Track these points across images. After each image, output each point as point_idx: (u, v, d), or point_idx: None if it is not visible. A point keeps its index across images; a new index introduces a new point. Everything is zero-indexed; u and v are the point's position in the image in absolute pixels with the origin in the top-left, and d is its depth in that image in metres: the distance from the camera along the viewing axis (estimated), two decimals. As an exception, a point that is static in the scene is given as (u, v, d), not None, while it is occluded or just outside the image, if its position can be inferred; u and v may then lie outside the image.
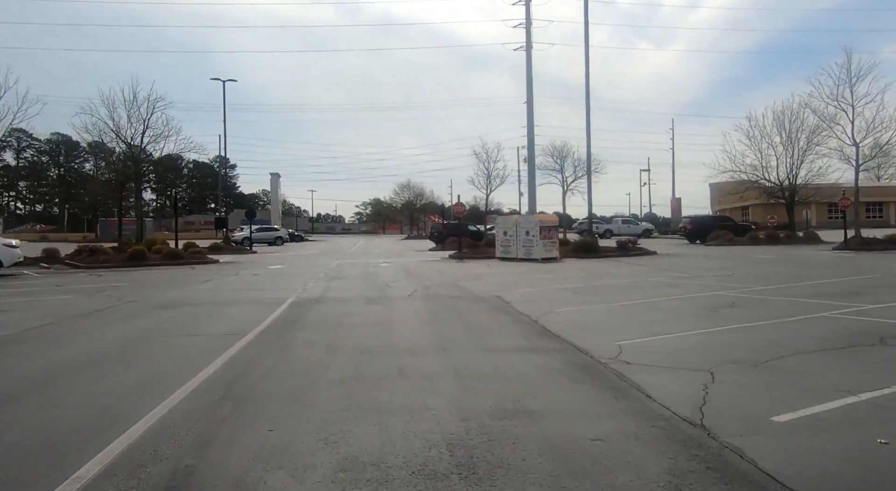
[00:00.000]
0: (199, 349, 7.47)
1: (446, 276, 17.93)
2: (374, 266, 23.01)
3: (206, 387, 5.56)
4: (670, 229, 61.89)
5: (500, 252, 26.52)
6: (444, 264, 23.70)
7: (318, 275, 18.87)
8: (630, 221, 57.02)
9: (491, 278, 17.01)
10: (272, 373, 6.14)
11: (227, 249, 34.05)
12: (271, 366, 6.45)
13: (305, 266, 23.56)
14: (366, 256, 30.47)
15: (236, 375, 6.04)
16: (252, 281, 17.27)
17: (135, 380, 5.97)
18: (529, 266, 21.65)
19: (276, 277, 18.34)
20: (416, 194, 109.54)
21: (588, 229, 30.07)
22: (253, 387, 5.58)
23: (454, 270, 20.57)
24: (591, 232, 29.50)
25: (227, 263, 25.17)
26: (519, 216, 25.87)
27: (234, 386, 5.59)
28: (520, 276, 17.66)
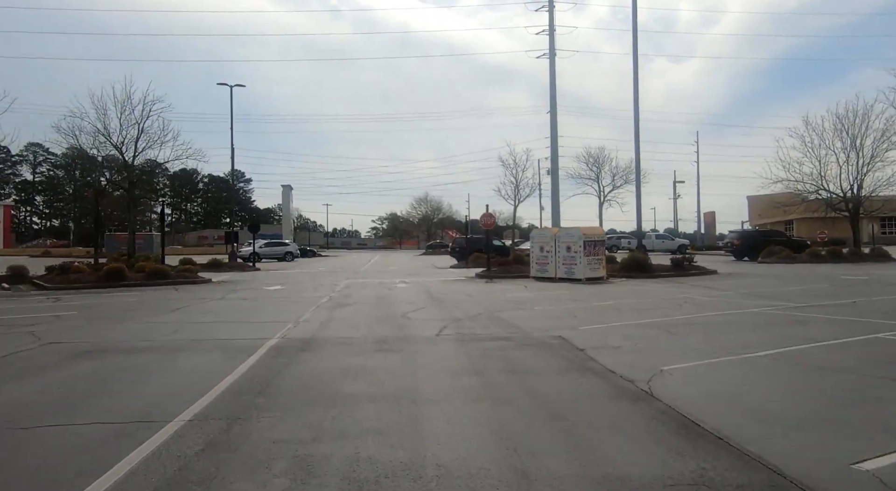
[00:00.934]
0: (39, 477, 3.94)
1: (480, 302, 14.34)
2: (390, 287, 19.49)
3: None
4: (706, 245, 57.66)
5: (535, 271, 22.88)
6: (472, 286, 20.11)
7: (320, 300, 15.38)
8: (664, 237, 53.04)
9: (536, 306, 13.38)
10: None
11: (227, 266, 30.80)
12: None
13: (309, 287, 20.12)
14: (380, 275, 26.99)
15: None
16: (235, 309, 13.80)
17: None
18: (575, 289, 17.97)
19: (267, 303, 14.86)
20: (433, 208, 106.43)
21: (639, 244, 26.27)
22: None
23: (486, 293, 16.98)
24: (642, 247, 25.68)
25: (221, 283, 21.81)
26: (559, 229, 22.28)
27: None
28: (571, 303, 14.01)
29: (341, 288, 19.56)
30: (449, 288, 19.12)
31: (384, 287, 19.70)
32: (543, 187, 34.60)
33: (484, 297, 15.85)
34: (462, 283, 21.48)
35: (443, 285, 20.29)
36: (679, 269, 23.15)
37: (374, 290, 18.65)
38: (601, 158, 35.11)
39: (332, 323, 10.96)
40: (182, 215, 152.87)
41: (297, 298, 16.02)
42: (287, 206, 67.92)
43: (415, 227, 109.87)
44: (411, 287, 19.61)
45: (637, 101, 24.72)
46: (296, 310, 13.15)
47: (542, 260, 22.67)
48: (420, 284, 20.71)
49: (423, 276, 25.93)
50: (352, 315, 12.19)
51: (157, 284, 20.19)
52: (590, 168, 34.76)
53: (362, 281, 23.02)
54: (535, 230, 23.22)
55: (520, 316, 11.66)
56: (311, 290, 18.96)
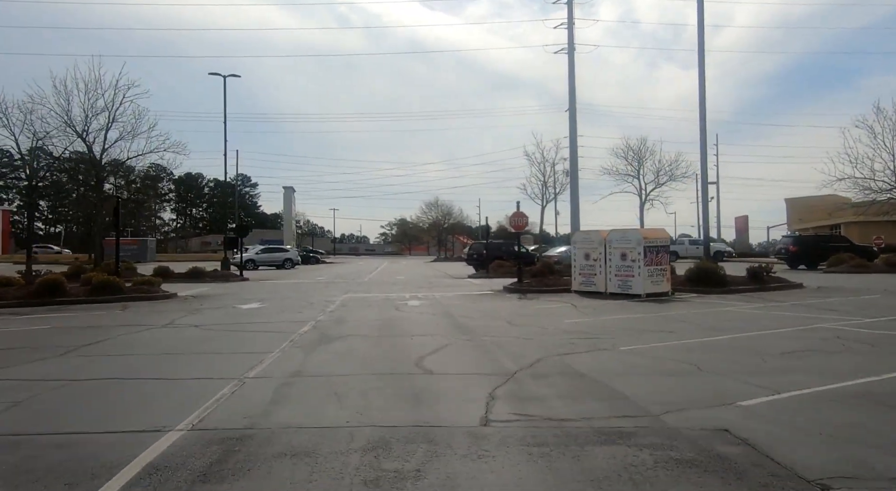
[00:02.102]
0: None
1: (527, 333, 9.91)
2: (398, 306, 15.09)
3: None
4: (740, 252, 52.71)
5: (578, 283, 18.43)
6: (504, 303, 15.68)
7: (300, 328, 11.02)
8: (699, 242, 48.25)
9: (617, 343, 8.91)
10: None
11: (210, 275, 26.52)
12: None
13: (296, 305, 15.77)
14: (387, 287, 22.61)
15: None
16: (167, 347, 9.38)
17: None
18: (641, 310, 13.51)
19: (221, 337, 10.48)
20: (443, 213, 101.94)
21: (707, 251, 21.64)
22: None
23: (528, 316, 12.55)
24: (709, 255, 21.04)
25: (187, 299, 17.51)
26: (609, 231, 17.88)
27: None
28: (660, 335, 9.55)
29: (336, 306, 15.19)
30: (475, 307, 14.70)
31: (390, 305, 15.30)
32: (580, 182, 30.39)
33: (528, 323, 11.42)
34: (489, 299, 17.05)
35: (466, 303, 15.87)
36: (758, 281, 18.60)
37: (378, 310, 14.25)
38: (643, 152, 30.14)
39: (297, 384, 6.54)
40: (187, 220, 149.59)
41: (270, 325, 11.64)
42: (289, 208, 63.70)
43: (424, 232, 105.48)
44: (425, 306, 15.20)
45: (703, 86, 20.23)
46: (258, 348, 8.78)
47: (587, 270, 18.22)
48: (436, 302, 16.29)
49: (439, 288, 21.53)
50: (337, 363, 7.77)
51: (104, 300, 15.92)
52: (629, 163, 30.04)
53: (364, 295, 18.64)
54: (579, 233, 18.84)
55: (607, 367, 7.22)
56: (297, 309, 14.60)
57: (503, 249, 34.23)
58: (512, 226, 19.91)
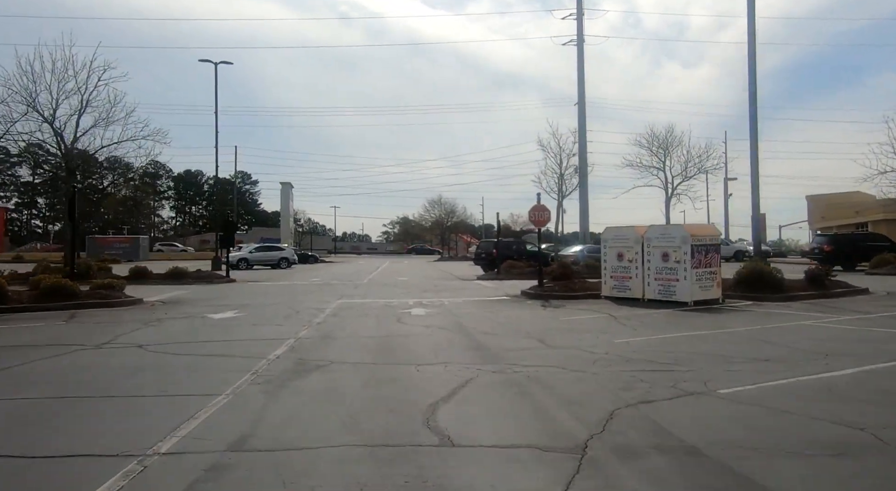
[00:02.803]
0: None
1: (576, 364, 7.32)
2: (400, 317, 12.51)
3: None
4: (774, 251, 49.66)
5: (609, 288, 15.86)
6: (527, 313, 13.10)
7: (275, 348, 8.47)
8: (727, 242, 45.53)
9: (714, 380, 6.31)
10: None
11: (192, 277, 23.98)
12: None
13: (280, 313, 13.21)
14: (387, 290, 20.04)
15: None
16: (82, 381, 6.79)
17: None
18: (703, 322, 10.94)
19: (168, 363, 7.92)
20: (447, 212, 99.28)
21: (758, 251, 18.91)
22: None
23: (564, 332, 9.96)
24: (762, 256, 18.28)
25: (154, 306, 14.96)
26: (648, 227, 15.32)
27: None
28: (766, 364, 6.97)
29: (326, 316, 12.63)
30: (493, 318, 12.11)
31: (391, 315, 12.73)
32: (592, 177, 27.65)
33: (567, 342, 8.85)
34: (507, 307, 14.48)
35: (481, 311, 13.29)
36: (818, 286, 16.00)
37: (375, 322, 11.68)
38: (669, 141, 27.23)
39: (230, 475, 3.96)
40: (186, 219, 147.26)
41: (235, 346, 9.07)
42: (286, 205, 61.13)
43: (427, 231, 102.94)
44: (433, 315, 12.62)
45: (753, 72, 17.65)
46: (201, 387, 6.24)
47: (620, 273, 15.64)
48: (445, 310, 13.72)
49: (446, 292, 18.95)
50: (307, 420, 5.15)
51: (53, 307, 13.39)
52: (653, 154, 27.18)
53: (361, 301, 16.08)
54: (610, 230, 16.27)
55: (724, 432, 4.63)
56: (278, 320, 12.05)
57: (514, 247, 31.67)
58: (533, 221, 17.32)
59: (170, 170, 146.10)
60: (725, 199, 60.03)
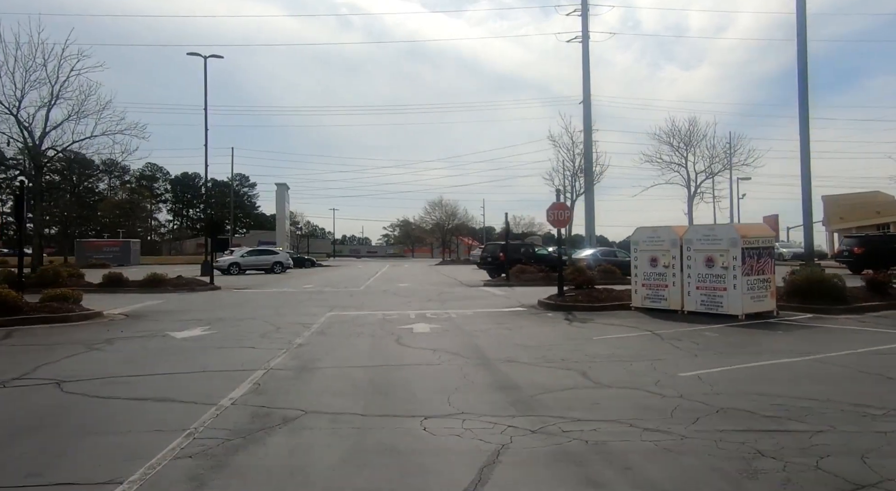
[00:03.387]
0: None
1: (643, 415, 5.17)
2: (400, 337, 10.37)
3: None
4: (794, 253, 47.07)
5: (641, 298, 13.76)
6: (556, 332, 10.96)
7: (234, 387, 6.36)
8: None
9: (872, 452, 4.21)
10: None
11: (171, 284, 21.83)
12: None
13: (256, 330, 11.08)
14: (386, 299, 17.92)
15: None
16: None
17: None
18: (771, 343, 8.84)
19: (76, 414, 5.80)
20: (448, 214, 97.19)
21: (809, 255, 16.58)
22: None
23: (616, 365, 7.79)
24: (810, 258, 15.99)
25: (112, 320, 12.85)
26: (688, 228, 13.23)
27: None
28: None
29: (310, 335, 10.50)
30: (515, 338, 9.98)
31: (389, 333, 10.60)
32: (604, 178, 25.45)
33: (618, 378, 6.74)
34: (527, 321, 12.33)
35: (497, 329, 11.15)
36: (881, 294, 13.89)
37: (369, 346, 9.56)
38: (693, 135, 24.79)
39: None
40: (184, 222, 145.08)
41: (183, 382, 6.96)
42: (282, 207, 58.89)
43: (428, 233, 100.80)
44: (441, 335, 10.49)
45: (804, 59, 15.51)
46: (94, 471, 4.13)
47: (654, 281, 13.53)
48: (454, 326, 11.59)
49: (452, 301, 16.83)
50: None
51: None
52: (675, 149, 24.91)
53: (355, 314, 13.95)
54: (642, 230, 14.16)
55: None
56: (251, 340, 9.92)
57: (523, 250, 29.54)
58: (551, 221, 15.18)
59: (167, 172, 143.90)
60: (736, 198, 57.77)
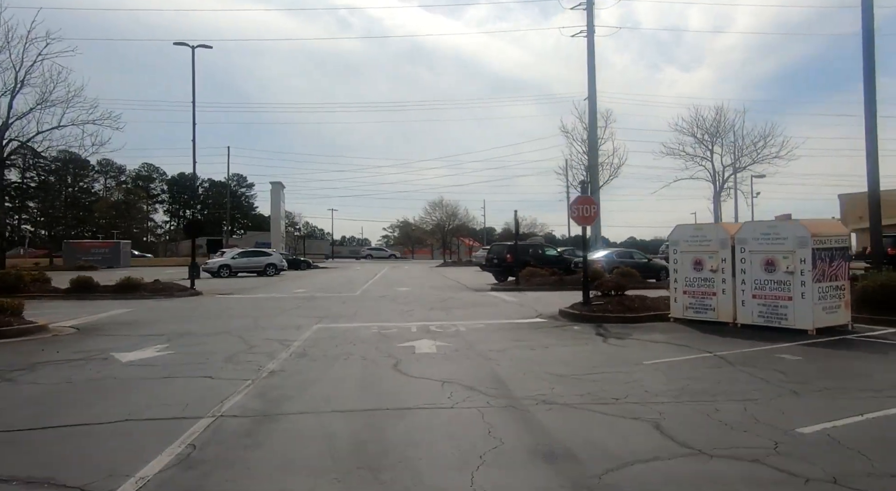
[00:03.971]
0: None
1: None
2: (399, 361, 8.27)
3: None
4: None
5: (682, 308, 11.68)
6: (594, 353, 8.86)
7: (155, 454, 4.28)
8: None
9: None
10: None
11: (147, 289, 19.75)
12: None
13: (224, 350, 9.00)
14: (385, 306, 15.84)
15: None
16: None
17: None
18: (885, 371, 6.75)
19: None
20: (448, 214, 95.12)
21: (878, 254, 14.30)
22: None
23: (705, 408, 5.66)
24: (881, 263, 13.71)
25: (55, 337, 10.77)
26: (742, 224, 11.16)
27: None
28: None
29: (288, 357, 8.42)
30: (548, 365, 7.87)
31: (386, 354, 8.51)
32: (623, 171, 23.22)
33: (721, 438, 4.66)
34: (554, 338, 10.23)
35: (522, 351, 9.04)
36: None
37: (360, 375, 7.46)
38: (720, 126, 22.39)
39: None
40: (180, 223, 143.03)
41: (88, 441, 4.88)
42: (277, 206, 56.73)
43: (428, 234, 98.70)
44: (450, 359, 8.39)
45: (870, 25, 13.43)
46: None
47: (698, 287, 11.44)
48: (466, 345, 9.49)
49: (459, 310, 14.75)
50: None
51: None
52: (699, 142, 22.67)
53: (347, 327, 11.85)
54: (682, 228, 12.09)
55: None
56: (211, 367, 7.84)
57: (532, 251, 27.44)
58: (575, 217, 13.03)
59: (163, 173, 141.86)
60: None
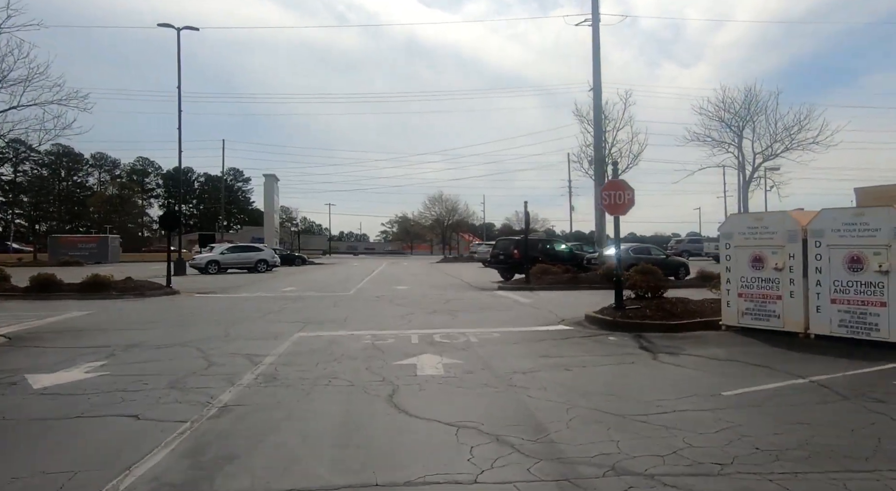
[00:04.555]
0: None
1: None
2: (398, 388, 6.27)
3: None
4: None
5: (738, 313, 9.70)
6: (645, 375, 6.86)
7: None
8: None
9: None
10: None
11: (117, 288, 17.74)
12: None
13: (181, 365, 7.01)
14: (381, 308, 13.85)
15: None
16: None
17: None
18: None
19: None
20: (448, 210, 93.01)
21: None
22: None
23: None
24: None
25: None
26: (819, 212, 9.19)
27: None
28: None
29: (251, 383, 6.42)
30: (595, 396, 5.85)
31: (378, 380, 6.52)
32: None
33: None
34: (588, 354, 8.23)
35: (555, 375, 7.03)
36: None
37: (341, 411, 5.44)
38: (751, 108, 19.62)
39: None
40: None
41: None
42: (271, 200, 54.61)
43: (427, 230, 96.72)
44: (464, 387, 6.36)
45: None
46: None
47: (758, 289, 9.47)
48: (482, 363, 7.47)
49: (467, 314, 12.76)
50: None
51: None
52: (727, 126, 20.27)
53: (333, 336, 9.84)
54: (735, 218, 10.14)
55: None
56: (148, 397, 5.85)
57: (541, 247, 25.45)
58: (606, 205, 10.97)
59: (158, 167, 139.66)
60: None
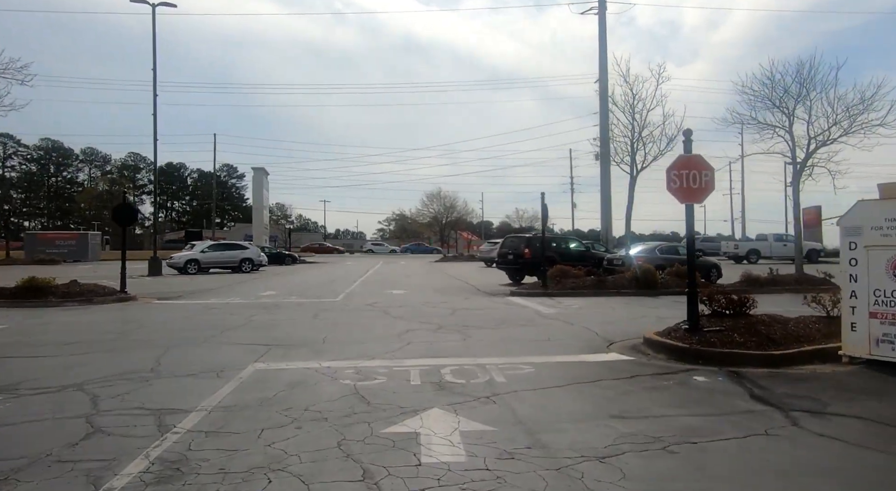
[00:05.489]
0: None
1: None
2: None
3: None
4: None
5: (872, 341, 6.83)
6: (815, 476, 4.07)
7: None
8: (787, 239, 36.90)
9: None
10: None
11: (57, 293, 14.86)
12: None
13: (25, 446, 4.20)
14: (373, 321, 10.99)
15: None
16: None
17: None
18: None
19: None
20: (447, 206, 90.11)
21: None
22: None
23: None
24: None
25: None
26: (880, 204, 6.45)
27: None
28: None
29: (129, 487, 3.62)
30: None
31: (356, 477, 3.72)
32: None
33: None
34: (690, 419, 5.30)
35: (655, 465, 4.12)
36: None
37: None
38: (806, 84, 16.20)
39: None
40: (168, 214, 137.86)
41: None
42: (259, 194, 51.61)
43: (425, 227, 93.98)
44: None
45: None
46: None
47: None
48: (533, 445, 4.55)
49: (482, 333, 9.93)
50: None
51: None
52: (776, 106, 17.13)
53: (301, 369, 6.99)
54: (864, 205, 7.44)
55: None
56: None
57: (555, 245, 22.63)
58: (676, 190, 7.81)
59: (150, 162, 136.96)
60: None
